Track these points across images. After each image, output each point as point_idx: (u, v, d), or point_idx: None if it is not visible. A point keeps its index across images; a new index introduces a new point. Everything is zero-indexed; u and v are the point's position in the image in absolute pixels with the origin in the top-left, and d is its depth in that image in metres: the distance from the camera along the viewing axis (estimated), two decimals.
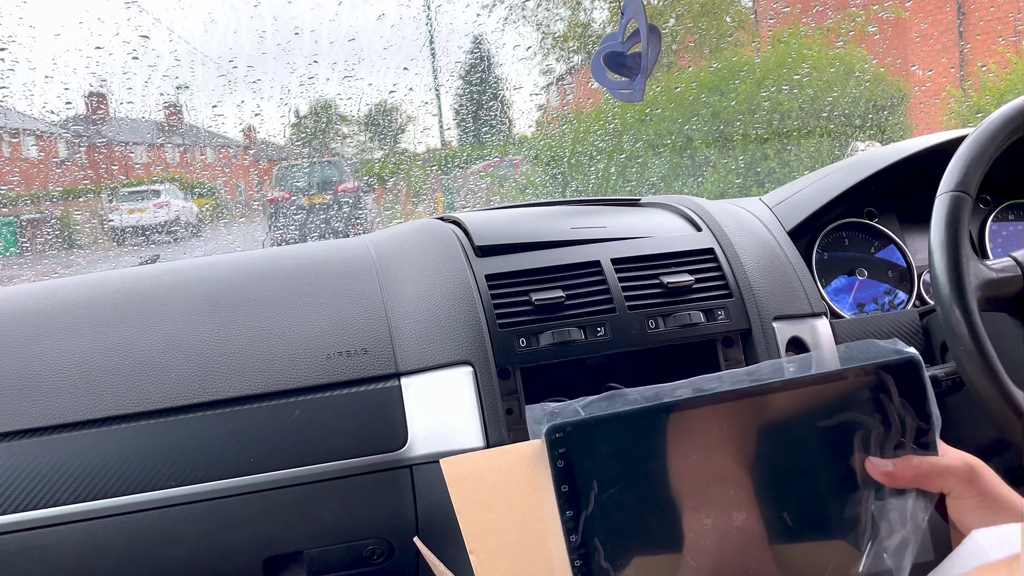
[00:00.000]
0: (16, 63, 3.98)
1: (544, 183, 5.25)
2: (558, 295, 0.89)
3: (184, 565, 0.83)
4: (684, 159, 5.01)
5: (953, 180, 0.82)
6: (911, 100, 5.79)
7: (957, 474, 0.53)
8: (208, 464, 0.82)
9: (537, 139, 6.25)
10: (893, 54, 6.66)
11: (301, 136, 6.77)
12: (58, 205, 5.26)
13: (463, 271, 0.92)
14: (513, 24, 6.63)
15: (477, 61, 6.16)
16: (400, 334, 0.89)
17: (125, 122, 6.26)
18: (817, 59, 5.30)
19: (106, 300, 0.94)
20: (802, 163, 4.78)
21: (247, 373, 0.85)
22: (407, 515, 0.86)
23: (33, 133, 6.00)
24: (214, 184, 6.91)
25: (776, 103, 5.01)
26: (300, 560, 0.86)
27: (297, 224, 5.38)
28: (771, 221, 1.08)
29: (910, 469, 0.53)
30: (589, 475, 0.51)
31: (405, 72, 5.67)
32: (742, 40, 6.94)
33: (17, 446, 0.81)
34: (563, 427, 0.52)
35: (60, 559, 0.81)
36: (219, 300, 0.93)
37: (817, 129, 4.86)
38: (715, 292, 0.94)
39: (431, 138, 6.60)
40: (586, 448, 0.52)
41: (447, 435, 0.85)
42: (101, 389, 0.84)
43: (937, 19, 7.75)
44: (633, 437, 0.52)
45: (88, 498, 0.80)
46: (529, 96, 6.86)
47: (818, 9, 6.51)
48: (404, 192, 6.12)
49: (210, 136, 6.88)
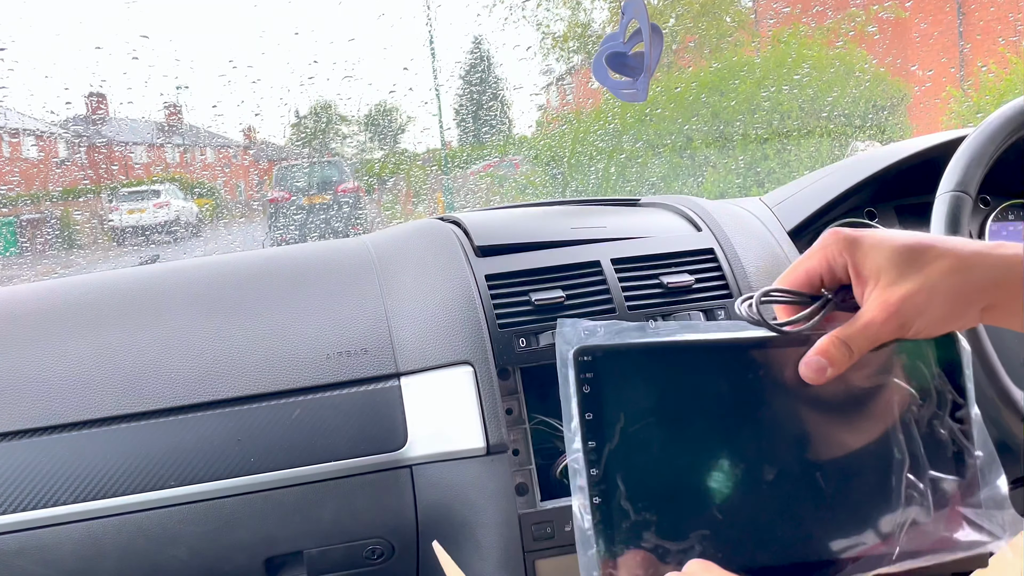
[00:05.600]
0: (16, 63, 3.99)
1: (544, 183, 5.25)
2: (558, 295, 0.89)
3: (184, 565, 0.83)
4: (684, 159, 5.01)
5: (953, 180, 0.82)
6: (911, 100, 5.79)
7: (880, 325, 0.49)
8: (208, 464, 0.82)
9: (537, 139, 6.25)
10: (893, 54, 6.66)
11: (301, 136, 6.78)
12: (58, 205, 5.26)
13: (463, 271, 0.92)
14: (513, 24, 6.62)
15: (477, 61, 6.16)
16: (400, 334, 0.89)
17: (125, 122, 6.27)
18: (817, 59, 5.30)
19: (106, 300, 0.94)
20: (802, 163, 4.77)
21: (247, 373, 0.86)
22: (407, 515, 0.86)
23: (33, 133, 6.00)
24: (214, 184, 6.91)
25: (776, 103, 5.01)
26: (300, 560, 0.86)
27: (297, 224, 5.37)
28: (771, 221, 1.08)
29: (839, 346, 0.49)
30: (616, 406, 0.47)
31: (405, 72, 5.68)
32: (742, 40, 6.94)
33: (17, 446, 0.81)
34: (594, 350, 0.48)
35: (60, 559, 0.81)
36: (219, 300, 0.93)
37: (817, 129, 4.86)
38: (715, 292, 0.94)
39: (431, 138, 6.60)
40: (617, 377, 0.48)
41: (447, 435, 0.85)
42: (101, 389, 0.84)
43: (937, 19, 7.75)
44: (669, 372, 0.49)
45: (88, 498, 0.80)
46: (529, 96, 6.86)
47: (818, 9, 6.51)
48: (404, 192, 6.12)
49: (210, 136, 6.88)
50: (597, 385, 0.48)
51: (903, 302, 0.48)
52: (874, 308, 0.49)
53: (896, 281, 0.49)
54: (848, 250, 0.50)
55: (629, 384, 0.48)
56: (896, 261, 0.49)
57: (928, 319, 0.49)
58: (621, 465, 0.47)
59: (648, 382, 0.48)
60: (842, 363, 0.49)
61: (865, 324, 0.49)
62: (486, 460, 0.84)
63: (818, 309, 0.51)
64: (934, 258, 0.49)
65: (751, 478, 0.48)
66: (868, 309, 0.49)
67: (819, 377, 0.48)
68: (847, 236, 0.50)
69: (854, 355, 0.49)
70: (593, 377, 0.48)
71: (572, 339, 0.49)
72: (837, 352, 0.48)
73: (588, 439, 0.47)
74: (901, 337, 0.50)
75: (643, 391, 0.48)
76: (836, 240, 0.51)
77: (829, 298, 0.51)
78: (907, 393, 0.51)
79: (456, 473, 0.84)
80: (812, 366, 0.49)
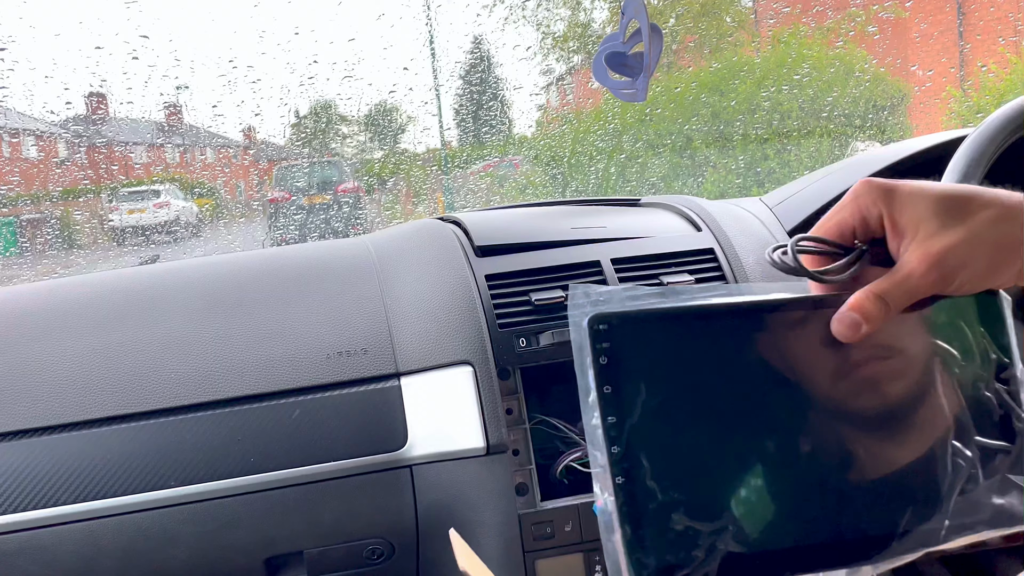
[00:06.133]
0: (16, 63, 3.98)
1: (544, 183, 5.25)
2: (558, 295, 0.89)
3: (184, 565, 0.83)
4: (684, 159, 5.01)
5: (953, 180, 0.82)
6: (911, 100, 5.79)
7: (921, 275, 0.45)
8: (208, 464, 0.82)
9: (537, 139, 6.25)
10: (893, 54, 6.66)
11: (301, 136, 6.77)
12: (58, 205, 5.26)
13: (463, 271, 0.92)
14: (513, 24, 6.62)
15: (477, 61, 6.15)
16: (400, 334, 0.89)
17: (125, 122, 6.26)
18: (817, 59, 5.30)
19: (106, 300, 0.94)
20: (802, 163, 4.78)
21: (247, 373, 0.86)
22: (407, 515, 0.86)
23: (33, 133, 6.00)
24: (214, 184, 6.91)
25: (776, 103, 5.01)
26: (300, 560, 0.86)
27: (297, 224, 5.37)
28: (771, 221, 1.08)
29: (874, 301, 0.45)
30: (636, 378, 0.43)
31: (405, 72, 5.68)
32: (742, 40, 6.94)
33: (17, 446, 0.81)
34: (610, 318, 0.44)
35: (60, 559, 0.81)
36: (219, 300, 0.93)
37: (817, 129, 4.86)
38: None
39: (431, 138, 6.60)
40: (636, 346, 0.44)
41: (447, 435, 0.85)
42: (101, 389, 0.84)
43: (937, 19, 7.75)
44: (692, 339, 0.45)
45: (88, 498, 0.80)
46: (529, 96, 6.86)
47: (818, 9, 6.51)
48: (404, 192, 6.11)
49: (210, 136, 6.87)
50: (615, 355, 0.44)
51: (946, 253, 0.45)
52: (913, 260, 0.45)
53: (937, 232, 0.45)
54: (884, 200, 0.47)
55: (649, 353, 0.44)
56: (937, 211, 0.45)
57: (971, 272, 0.45)
58: (644, 442, 0.43)
59: (669, 351, 0.44)
60: (878, 319, 0.45)
61: (904, 277, 0.45)
62: (486, 460, 0.84)
63: (853, 260, 0.48)
64: (979, 207, 0.46)
65: (785, 451, 0.45)
66: (907, 261, 0.46)
67: (853, 334, 0.45)
68: (882, 185, 0.47)
69: (891, 310, 0.45)
70: (610, 347, 0.44)
71: (585, 305, 0.45)
72: (873, 307, 0.45)
73: (607, 414, 0.43)
74: (941, 292, 0.46)
75: (664, 361, 0.44)
76: (870, 189, 0.47)
77: (865, 249, 0.48)
78: (948, 354, 0.47)
79: (456, 473, 0.84)
80: (845, 322, 0.45)
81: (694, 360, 0.45)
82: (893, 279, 0.46)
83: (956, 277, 0.45)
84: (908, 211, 0.46)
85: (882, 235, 0.48)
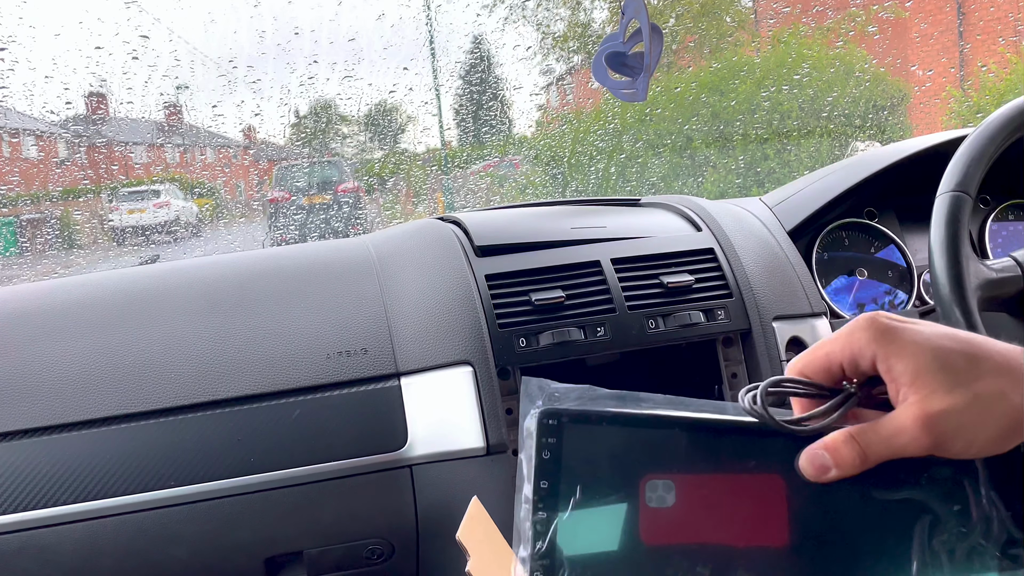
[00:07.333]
0: (16, 63, 3.99)
1: (544, 183, 5.26)
2: (558, 295, 0.89)
3: (184, 565, 0.83)
4: (684, 159, 5.01)
5: (953, 180, 0.82)
6: (911, 100, 5.79)
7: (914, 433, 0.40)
8: (208, 464, 0.82)
9: (537, 139, 6.25)
10: (893, 54, 6.67)
11: (301, 136, 6.77)
12: (58, 205, 5.27)
13: (463, 271, 0.92)
14: (513, 24, 6.63)
15: (477, 61, 6.15)
16: (400, 334, 0.89)
17: (125, 122, 6.26)
18: (817, 59, 5.30)
19: (106, 300, 0.94)
20: (802, 163, 4.78)
21: (247, 373, 0.86)
22: (407, 515, 0.86)
23: (33, 133, 6.00)
24: (214, 184, 6.91)
25: (776, 103, 5.01)
26: (300, 560, 0.86)
27: (297, 224, 5.38)
28: (771, 221, 1.08)
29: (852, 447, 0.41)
30: (575, 477, 0.42)
31: (405, 72, 5.67)
32: (742, 40, 6.94)
33: (17, 446, 0.81)
34: (560, 414, 0.43)
35: (60, 559, 0.81)
36: (219, 300, 0.93)
37: (817, 129, 4.86)
38: (715, 292, 0.94)
39: (431, 138, 6.60)
40: (581, 445, 0.43)
41: (447, 435, 0.85)
42: (101, 389, 0.84)
43: (937, 19, 7.75)
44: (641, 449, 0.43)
45: (88, 498, 0.80)
46: (529, 96, 6.86)
47: (818, 9, 6.51)
48: (404, 192, 6.12)
49: (210, 136, 6.88)
50: (558, 452, 0.43)
51: (944, 418, 0.40)
52: (907, 418, 0.40)
53: (937, 391, 0.40)
54: (879, 342, 0.42)
55: (593, 456, 0.43)
56: (938, 367, 0.40)
57: (972, 440, 0.40)
58: (570, 543, 0.42)
59: (614, 457, 0.43)
60: (850, 467, 0.41)
61: (892, 433, 0.41)
62: (486, 460, 0.84)
63: (838, 405, 0.43)
64: (988, 371, 0.41)
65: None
66: (899, 416, 0.41)
67: (819, 475, 0.41)
68: (880, 326, 0.42)
69: (867, 462, 0.41)
70: (555, 443, 0.43)
71: (537, 399, 0.44)
72: (847, 452, 0.41)
73: (538, 509, 0.42)
74: (936, 455, 0.41)
75: (607, 466, 0.43)
76: (866, 328, 0.42)
77: (852, 392, 0.44)
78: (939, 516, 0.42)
79: (456, 473, 0.84)
80: (814, 461, 0.41)
81: (637, 470, 0.43)
82: (879, 431, 0.41)
83: (954, 444, 0.40)
84: (906, 361, 0.41)
85: (876, 374, 0.43)
